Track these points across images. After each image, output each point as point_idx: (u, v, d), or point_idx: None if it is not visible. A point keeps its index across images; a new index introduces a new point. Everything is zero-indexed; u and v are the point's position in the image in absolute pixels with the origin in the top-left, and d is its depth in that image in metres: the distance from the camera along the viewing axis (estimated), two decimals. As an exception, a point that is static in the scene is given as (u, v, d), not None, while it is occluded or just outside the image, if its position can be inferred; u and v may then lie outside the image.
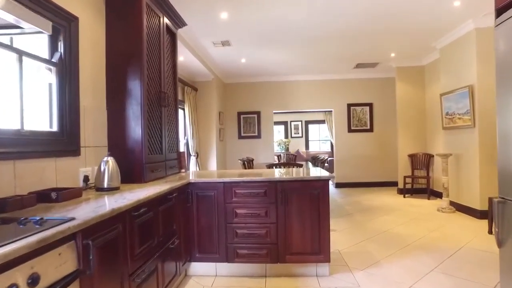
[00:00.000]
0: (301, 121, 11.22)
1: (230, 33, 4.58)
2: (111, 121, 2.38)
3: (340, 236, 3.63)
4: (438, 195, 5.75)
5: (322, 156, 5.67)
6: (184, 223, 2.48)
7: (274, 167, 3.84)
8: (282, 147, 5.20)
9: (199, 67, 5.67)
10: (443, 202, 4.66)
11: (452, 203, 4.69)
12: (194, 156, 6.19)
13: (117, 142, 2.36)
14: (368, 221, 4.29)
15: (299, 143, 11.20)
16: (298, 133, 11.26)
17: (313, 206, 2.47)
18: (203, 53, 5.42)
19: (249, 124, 7.62)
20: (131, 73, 2.36)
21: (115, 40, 2.38)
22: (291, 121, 11.22)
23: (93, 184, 2.07)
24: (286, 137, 11.29)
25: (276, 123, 11.29)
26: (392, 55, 5.83)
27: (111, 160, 2.03)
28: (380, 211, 4.88)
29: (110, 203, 1.50)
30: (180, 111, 6.13)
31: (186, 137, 6.21)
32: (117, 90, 2.38)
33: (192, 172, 3.47)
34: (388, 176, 7.28)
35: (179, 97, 5.83)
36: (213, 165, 6.56)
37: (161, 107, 2.72)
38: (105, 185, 1.97)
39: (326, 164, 9.84)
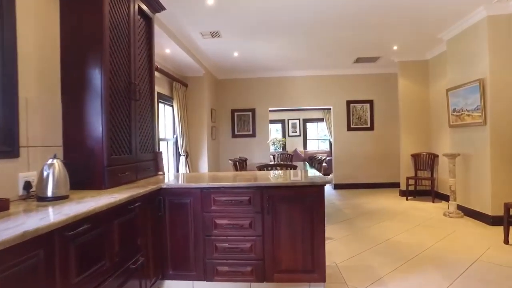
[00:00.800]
0: (299, 119, 10.86)
1: (219, 23, 4.21)
2: (66, 117, 2.01)
3: (338, 246, 3.27)
4: (443, 197, 5.39)
5: (319, 156, 5.30)
6: (154, 236, 2.11)
7: (265, 168, 3.49)
8: (277, 146, 4.81)
9: (188, 61, 5.30)
10: (450, 206, 4.30)
11: (460, 208, 4.33)
12: (184, 155, 5.83)
13: (74, 142, 2.00)
14: (369, 227, 3.93)
15: (297, 142, 10.84)
16: (296, 132, 10.90)
17: (305, 216, 2.11)
18: (191, 46, 5.05)
19: (243, 122, 7.25)
20: (90, 61, 1.99)
21: (70, 23, 2.01)
22: (288, 119, 10.86)
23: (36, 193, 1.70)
24: (284, 136, 10.93)
25: (273, 121, 10.94)
26: (395, 48, 5.46)
27: (57, 162, 1.66)
28: (382, 215, 4.52)
29: (33, 221, 1.14)
30: (169, 108, 5.77)
31: (175, 136, 5.85)
32: (74, 81, 2.01)
33: (175, 175, 3.11)
34: (390, 177, 6.92)
35: (167, 93, 5.47)
36: (204, 165, 6.20)
37: (131, 100, 2.35)
38: (49, 194, 1.61)
39: (324, 164, 9.47)
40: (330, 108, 7.40)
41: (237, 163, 4.89)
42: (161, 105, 5.45)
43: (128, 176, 2.24)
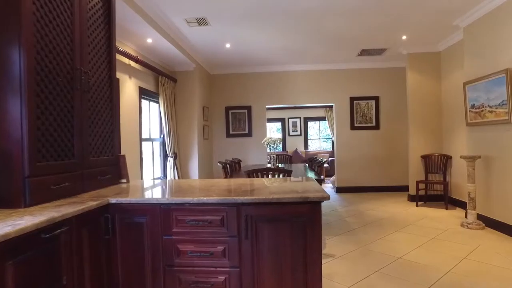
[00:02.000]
0: (300, 117, 10.32)
1: (205, 7, 3.70)
2: (-23, 110, 1.51)
3: (340, 266, 2.75)
4: (458, 204, 4.85)
5: (319, 158, 4.79)
6: (95, 267, 1.61)
7: (254, 174, 2.97)
8: (272, 147, 4.30)
9: (175, 53, 4.79)
10: (469, 216, 3.76)
11: (480, 217, 3.79)
12: (172, 157, 5.34)
13: (-13, 143, 1.50)
14: (376, 241, 3.41)
15: (298, 142, 10.32)
16: (297, 131, 10.37)
17: (296, 242, 1.60)
18: (177, 35, 4.54)
19: (238, 120, 6.74)
20: (3, 35, 1.49)
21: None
22: (288, 118, 10.33)
23: None
24: (284, 135, 10.41)
25: (273, 120, 10.42)
26: (404, 37, 4.92)
27: None
28: (390, 225, 3.99)
29: None
30: (155, 105, 5.27)
31: (162, 135, 5.35)
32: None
33: (141, 184, 2.61)
34: (397, 180, 6.38)
35: (152, 88, 4.97)
36: (194, 167, 5.69)
37: (75, 91, 1.85)
38: None
39: (326, 165, 8.94)
40: (332, 106, 6.86)
41: (227, 165, 4.38)
42: (145, 102, 4.96)
43: (67, 188, 1.73)
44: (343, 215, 4.64)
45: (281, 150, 10.43)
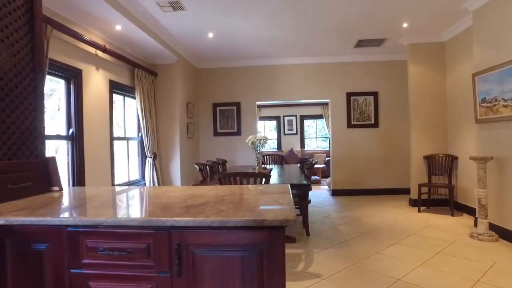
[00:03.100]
0: (296, 115, 9.84)
1: (176, -14, 3.24)
2: None
3: (326, 290, 2.29)
4: (465, 209, 4.37)
5: (311, 159, 4.31)
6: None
7: (226, 180, 2.50)
8: (257, 147, 3.83)
9: (151, 43, 4.33)
10: (479, 225, 3.28)
11: (492, 227, 3.31)
12: (151, 157, 4.88)
13: None
14: (372, 256, 2.94)
15: (294, 141, 9.84)
16: (292, 130, 9.90)
17: (249, 282, 1.13)
18: (152, 23, 4.08)
19: (227, 118, 6.28)
20: None
21: None
22: (284, 116, 9.86)
23: None
24: (279, 134, 9.94)
25: (267, 118, 9.96)
26: (404, 25, 4.44)
27: None
28: (389, 235, 3.52)
29: None
30: (131, 100, 4.81)
31: (140, 134, 4.89)
32: None
33: (77, 192, 2.14)
34: (398, 182, 5.90)
35: (127, 82, 4.51)
36: (176, 169, 5.23)
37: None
38: None
39: (322, 165, 8.47)
40: (327, 102, 6.38)
41: (207, 167, 3.91)
42: (118, 97, 4.50)
43: None
44: (337, 222, 4.17)
45: (276, 150, 9.97)
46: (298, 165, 5.47)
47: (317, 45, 5.35)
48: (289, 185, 1.82)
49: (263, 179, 2.44)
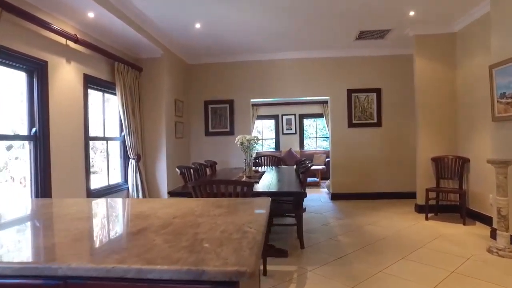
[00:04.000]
0: (295, 114, 9.43)
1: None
2: None
3: (320, 324, 1.88)
4: (478, 218, 3.95)
5: (306, 162, 3.91)
6: None
7: (200, 189, 2.08)
8: (247, 147, 3.43)
9: (130, 34, 3.93)
10: (499, 239, 2.87)
11: (513, 241, 2.89)
12: (134, 159, 4.49)
13: None
14: (375, 275, 2.53)
15: (292, 141, 9.43)
16: (291, 129, 9.49)
17: None
18: (130, 10, 3.68)
19: (219, 116, 5.88)
20: None
21: None
22: (282, 115, 9.45)
23: None
24: (277, 133, 9.52)
25: (265, 117, 9.56)
26: (411, 13, 4.02)
27: None
28: (394, 248, 3.11)
29: None
30: (112, 97, 4.42)
31: (122, 133, 4.50)
32: None
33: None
34: (402, 185, 5.48)
35: (106, 77, 4.12)
36: (162, 171, 4.84)
37: None
38: None
39: (322, 167, 8.06)
40: (327, 100, 5.96)
41: (191, 171, 3.52)
42: (95, 93, 4.11)
43: None
44: (336, 231, 3.76)
45: (275, 150, 9.57)
46: (295, 166, 5.07)
47: (315, 38, 4.94)
48: (269, 199, 1.42)
49: (245, 188, 2.04)
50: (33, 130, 2.96)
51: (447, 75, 4.47)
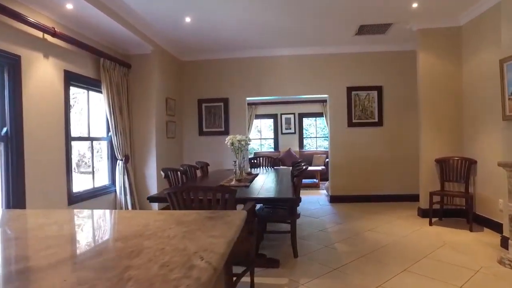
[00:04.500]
0: (294, 114, 9.17)
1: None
2: None
3: None
4: (486, 223, 3.70)
5: (302, 164, 3.66)
6: None
7: (177, 197, 1.83)
8: (238, 148, 3.19)
9: (115, 28, 3.71)
10: (511, 249, 2.61)
11: (526, 252, 2.64)
12: (121, 160, 4.27)
13: None
14: (374, 289, 2.29)
15: (292, 141, 9.18)
16: (290, 129, 9.23)
17: None
18: (113, 2, 3.44)
19: (213, 115, 5.65)
20: None
21: None
22: (281, 114, 9.20)
23: None
24: (276, 133, 9.27)
25: (263, 116, 9.33)
26: (414, 5, 3.76)
27: None
28: (397, 258, 2.87)
29: None
30: (98, 95, 4.20)
31: (109, 133, 4.28)
32: None
33: None
34: (404, 188, 5.23)
35: (90, 73, 3.90)
36: (151, 173, 4.62)
37: None
38: None
39: (322, 167, 7.81)
40: (326, 99, 5.70)
41: (178, 173, 3.28)
42: (79, 91, 3.90)
43: None
44: (333, 238, 3.52)
45: (273, 150, 9.33)
46: (291, 168, 4.83)
47: (313, 33, 4.69)
48: (245, 213, 1.18)
49: (227, 195, 1.81)
50: (4, 130, 2.74)
51: (453, 71, 4.21)
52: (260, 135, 9.76)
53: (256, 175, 3.80)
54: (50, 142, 3.23)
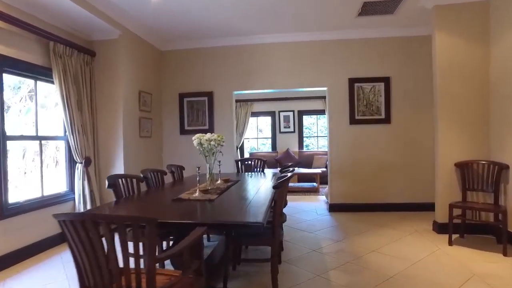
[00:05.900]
0: (293, 111, 8.45)
1: None
2: None
3: None
4: (522, 245, 2.94)
5: (289, 169, 2.97)
6: None
7: (69, 225, 1.17)
8: (206, 149, 2.50)
9: (65, 4, 3.05)
10: None
11: None
12: (81, 163, 3.63)
13: None
14: None
15: (291, 140, 8.46)
16: (289, 127, 8.51)
17: None
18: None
19: (196, 111, 4.98)
20: None
21: None
22: (279, 111, 8.48)
23: None
24: (274, 132, 8.56)
25: (260, 113, 8.63)
26: (431, -28, 3.03)
27: None
28: (408, 298, 2.16)
29: None
30: (50, 86, 3.56)
31: (66, 133, 3.63)
32: None
33: None
34: (416, 195, 4.49)
35: (38, 60, 3.26)
36: (118, 178, 3.96)
37: None
38: None
39: (324, 169, 7.08)
40: (325, 91, 4.98)
41: (127, 182, 2.61)
42: (25, 81, 3.26)
43: None
44: (328, 263, 2.81)
45: (271, 150, 8.63)
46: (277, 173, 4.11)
47: (309, 15, 3.98)
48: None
49: (145, 228, 1.12)
50: None
51: (478, 57, 3.45)
52: (261, 134, 9.07)
53: (235, 182, 3.11)
54: (-27, 142, 2.59)
